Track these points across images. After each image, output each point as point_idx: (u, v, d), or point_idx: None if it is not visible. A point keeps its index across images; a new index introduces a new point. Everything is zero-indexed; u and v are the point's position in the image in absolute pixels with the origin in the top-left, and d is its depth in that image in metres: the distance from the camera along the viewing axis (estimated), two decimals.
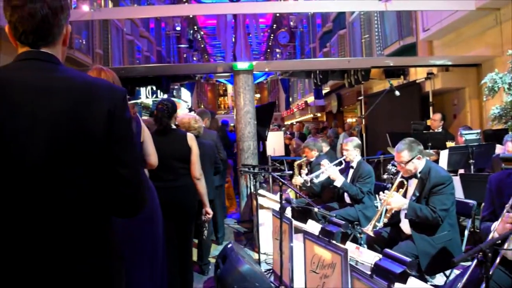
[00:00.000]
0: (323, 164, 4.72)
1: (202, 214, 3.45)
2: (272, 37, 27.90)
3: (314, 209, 3.33)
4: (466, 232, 3.37)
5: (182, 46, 24.61)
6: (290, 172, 5.57)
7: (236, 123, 6.84)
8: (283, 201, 3.33)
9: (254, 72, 6.95)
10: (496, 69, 5.49)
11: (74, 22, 8.49)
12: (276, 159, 8.54)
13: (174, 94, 16.54)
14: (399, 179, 3.36)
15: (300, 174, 5.37)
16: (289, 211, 4.01)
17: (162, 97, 12.77)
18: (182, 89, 19.27)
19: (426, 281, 3.16)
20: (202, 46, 30.37)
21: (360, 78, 8.02)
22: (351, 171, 4.65)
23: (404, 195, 3.34)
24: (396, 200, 3.24)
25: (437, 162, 4.83)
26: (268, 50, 31.49)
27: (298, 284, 3.16)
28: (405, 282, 1.90)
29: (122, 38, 13.87)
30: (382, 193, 3.33)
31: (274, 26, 26.28)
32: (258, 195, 4.61)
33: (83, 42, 10.07)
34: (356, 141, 4.75)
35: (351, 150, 4.63)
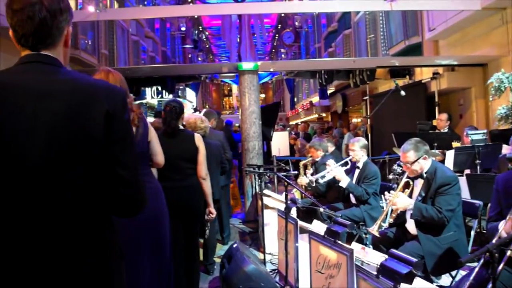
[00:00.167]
0: (329, 164, 4.72)
1: (206, 213, 3.48)
2: (277, 37, 27.89)
3: (320, 209, 3.33)
4: (473, 232, 3.36)
5: (187, 46, 24.66)
6: (296, 172, 5.57)
7: (241, 123, 6.85)
8: (289, 201, 3.33)
9: (259, 72, 6.95)
10: (502, 69, 5.47)
11: (80, 23, 8.56)
12: (281, 159, 8.54)
13: (179, 94, 16.57)
14: (405, 179, 3.35)
15: (305, 174, 5.37)
16: (294, 211, 4.01)
17: (167, 97, 12.83)
18: (187, 89, 19.30)
19: (432, 281, 3.14)
20: (207, 46, 30.41)
21: (365, 78, 7.99)
22: (357, 172, 4.63)
23: (410, 196, 3.33)
24: (401, 200, 3.24)
25: (443, 162, 4.81)
26: (273, 50, 31.48)
27: (304, 284, 3.15)
28: (411, 282, 1.90)
29: (127, 38, 13.92)
30: (387, 193, 3.33)
31: (279, 26, 26.26)
32: (263, 195, 4.62)
33: (89, 43, 10.13)
34: (362, 141, 4.72)
35: (358, 150, 4.61)
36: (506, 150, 4.71)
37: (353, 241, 2.74)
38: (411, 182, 3.36)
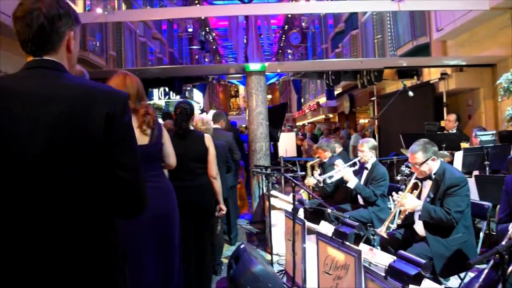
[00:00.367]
0: (337, 164, 4.71)
1: (216, 210, 3.56)
2: (283, 38, 27.91)
3: (328, 210, 3.33)
4: (481, 234, 3.33)
5: (194, 47, 24.76)
6: (303, 173, 5.56)
7: (248, 124, 6.86)
8: (296, 202, 3.33)
9: (266, 73, 6.96)
10: (511, 69, 5.41)
11: (88, 25, 8.63)
12: (288, 160, 8.54)
13: (187, 95, 16.61)
14: (413, 181, 3.34)
15: (312, 175, 5.36)
16: (301, 212, 4.01)
17: (175, 98, 12.88)
18: (195, 90, 19.35)
19: (440, 283, 3.12)
20: (214, 47, 30.51)
21: (373, 78, 7.97)
22: (365, 173, 4.61)
23: (418, 197, 3.32)
24: (410, 201, 3.22)
25: (451, 163, 4.78)
26: (279, 51, 31.50)
27: (311, 285, 3.16)
28: (419, 284, 1.89)
29: (135, 40, 14.01)
30: (395, 194, 3.31)
31: (286, 27, 26.28)
32: (270, 196, 4.62)
33: (97, 44, 10.20)
34: (371, 142, 4.69)
35: (367, 151, 4.57)
36: None
37: (360, 242, 2.73)
38: (420, 183, 3.34)
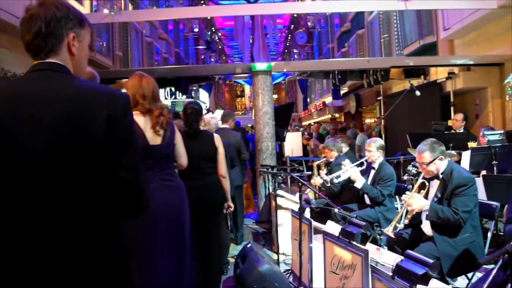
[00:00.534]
0: (345, 164, 4.70)
1: (224, 208, 3.64)
2: (289, 37, 27.87)
3: (334, 209, 3.32)
4: (489, 234, 3.31)
5: (200, 47, 24.79)
6: (309, 172, 5.56)
7: (254, 124, 6.86)
8: (303, 201, 3.33)
9: (272, 72, 6.96)
10: None
11: (95, 25, 8.65)
12: (294, 160, 8.54)
13: (193, 95, 16.64)
14: (421, 180, 3.33)
15: (319, 174, 5.35)
16: (307, 212, 4.00)
17: (181, 98, 12.91)
18: (200, 90, 19.38)
19: (447, 283, 3.11)
20: (220, 47, 30.54)
21: (379, 78, 7.94)
22: (372, 172, 4.59)
23: (425, 197, 3.30)
24: (417, 201, 3.21)
25: (458, 163, 4.75)
26: (285, 51, 31.46)
27: (318, 285, 3.15)
28: (427, 284, 1.89)
29: (141, 40, 14.05)
30: (404, 194, 3.31)
31: (292, 26, 26.24)
32: (276, 196, 4.62)
33: (104, 45, 10.24)
34: (379, 142, 4.66)
35: (374, 151, 4.55)
36: None
37: (367, 242, 2.72)
38: (427, 183, 3.33)
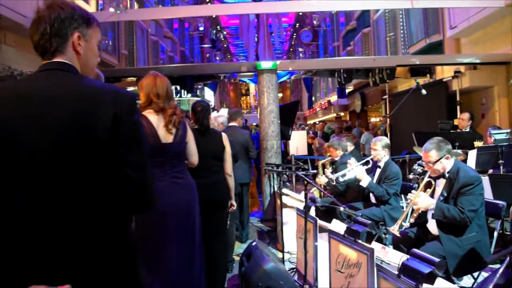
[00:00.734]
0: (350, 163, 4.69)
1: (227, 206, 3.68)
2: (295, 36, 27.82)
3: (340, 208, 3.32)
4: (495, 233, 3.30)
5: (205, 46, 24.82)
6: (314, 171, 5.56)
7: (259, 122, 6.87)
8: (308, 200, 3.32)
9: (278, 71, 6.96)
10: None
11: (101, 24, 8.69)
12: (299, 158, 8.53)
13: (198, 93, 16.68)
14: (427, 179, 3.31)
15: (324, 173, 5.34)
16: (312, 211, 4.00)
17: (186, 96, 12.95)
18: (206, 88, 19.42)
19: (453, 283, 3.10)
20: (225, 46, 30.54)
21: (385, 76, 7.92)
22: (378, 171, 4.58)
23: (431, 195, 3.29)
24: (423, 200, 3.20)
25: (465, 162, 4.73)
26: (290, 49, 31.41)
27: (323, 283, 3.15)
28: (432, 283, 1.88)
29: (146, 38, 14.10)
30: (410, 193, 3.30)
31: (297, 25, 26.20)
32: (282, 194, 4.62)
33: (109, 43, 10.29)
34: (385, 140, 4.64)
35: (380, 150, 4.54)
36: None
37: (372, 241, 2.72)
38: (433, 182, 3.32)
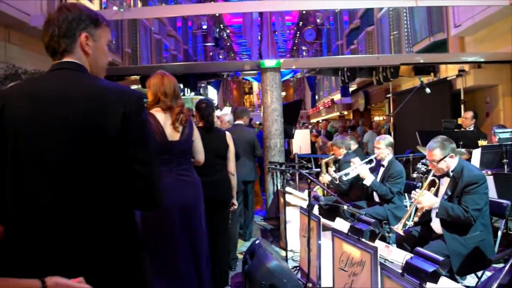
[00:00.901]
0: (354, 161, 4.68)
1: (230, 205, 3.71)
2: (298, 34, 27.78)
3: (344, 206, 3.32)
4: (499, 233, 3.28)
5: (209, 44, 24.83)
6: (318, 170, 5.55)
7: (263, 121, 6.87)
8: (311, 198, 3.32)
9: (281, 69, 6.95)
10: None
11: None
12: (302, 157, 8.52)
13: (201, 92, 16.69)
14: (431, 178, 3.30)
15: (327, 172, 5.34)
16: (316, 209, 4.00)
17: (189, 95, 12.94)
18: (209, 87, 19.43)
19: (457, 281, 3.09)
20: (228, 44, 30.53)
21: (389, 75, 7.89)
22: (382, 170, 4.57)
23: (435, 194, 3.28)
24: (427, 199, 3.19)
25: (469, 161, 4.72)
26: (294, 48, 31.37)
27: (326, 281, 3.15)
28: (436, 281, 1.88)
29: (150, 37, 14.11)
30: (414, 192, 3.29)
31: (300, 23, 26.16)
32: (285, 193, 4.62)
33: (113, 42, 10.30)
34: (388, 139, 4.62)
35: (383, 149, 4.52)
36: None
37: (376, 239, 2.72)
38: (437, 181, 3.31)
